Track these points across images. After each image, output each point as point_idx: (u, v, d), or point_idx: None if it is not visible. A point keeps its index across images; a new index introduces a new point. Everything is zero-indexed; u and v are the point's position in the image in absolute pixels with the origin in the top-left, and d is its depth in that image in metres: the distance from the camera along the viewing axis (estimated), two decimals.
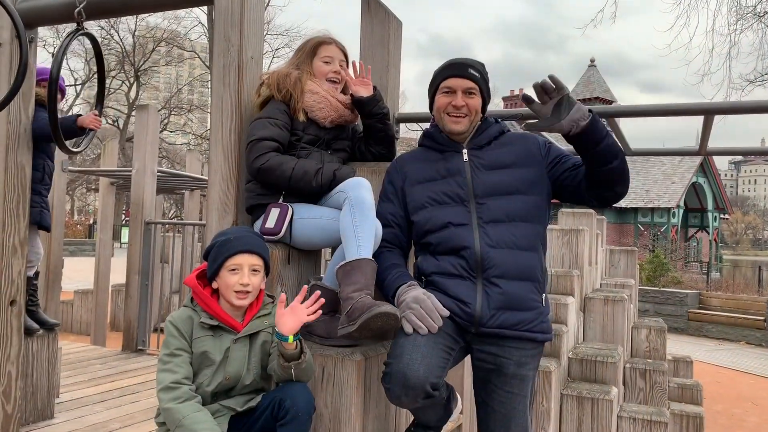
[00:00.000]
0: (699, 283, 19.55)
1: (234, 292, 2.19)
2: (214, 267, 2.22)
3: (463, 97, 2.35)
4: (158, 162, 7.30)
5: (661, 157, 29.85)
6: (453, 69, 2.38)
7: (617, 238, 29.19)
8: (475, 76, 2.36)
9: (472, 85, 2.35)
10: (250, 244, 2.24)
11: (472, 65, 2.37)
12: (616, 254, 8.78)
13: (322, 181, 2.52)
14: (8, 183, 3.34)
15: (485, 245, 2.22)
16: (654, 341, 6.87)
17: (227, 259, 2.20)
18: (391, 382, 2.06)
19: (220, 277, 2.22)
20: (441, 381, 2.11)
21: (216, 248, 2.24)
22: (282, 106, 2.65)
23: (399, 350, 2.10)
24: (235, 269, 2.20)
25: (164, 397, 2.08)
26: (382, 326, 2.12)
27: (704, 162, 30.34)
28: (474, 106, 2.37)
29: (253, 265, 2.22)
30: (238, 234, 2.28)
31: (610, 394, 5.10)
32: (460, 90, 2.35)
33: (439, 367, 2.11)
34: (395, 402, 2.12)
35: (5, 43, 3.34)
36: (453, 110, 2.36)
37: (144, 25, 33.58)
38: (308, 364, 2.16)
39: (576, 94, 32.79)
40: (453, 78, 2.36)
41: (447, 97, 2.37)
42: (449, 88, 2.36)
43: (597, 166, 2.16)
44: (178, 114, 36.63)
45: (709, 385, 9.24)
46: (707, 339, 14.63)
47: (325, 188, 2.54)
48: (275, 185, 2.55)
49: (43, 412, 3.77)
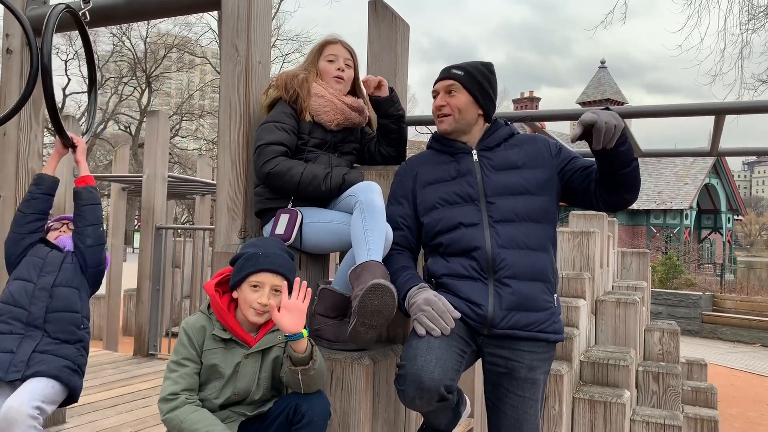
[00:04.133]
0: (713, 285, 19.37)
1: (251, 308, 2.15)
2: (237, 278, 2.18)
3: (444, 97, 2.39)
4: (170, 167, 7.34)
5: (673, 158, 29.67)
6: (440, 74, 2.45)
7: (629, 240, 29.01)
8: (456, 74, 2.38)
9: (451, 82, 2.38)
10: (276, 264, 2.17)
11: (457, 66, 2.41)
12: (628, 256, 8.72)
13: (332, 185, 2.52)
14: (19, 189, 3.37)
15: (496, 245, 2.22)
16: (667, 344, 6.81)
17: (251, 274, 2.15)
18: (405, 384, 2.05)
19: (241, 289, 2.18)
20: (455, 384, 2.10)
21: (243, 260, 2.19)
22: (288, 109, 2.65)
23: (413, 352, 2.08)
24: (257, 286, 2.15)
25: (162, 408, 2.08)
26: (380, 304, 2.09)
27: (717, 163, 30.10)
28: (455, 103, 2.37)
29: (275, 286, 2.16)
30: (267, 250, 2.21)
31: (623, 397, 5.05)
32: (441, 91, 2.41)
33: (454, 369, 2.09)
34: (409, 404, 2.10)
35: (16, 50, 3.38)
36: (437, 112, 2.42)
37: (155, 32, 33.79)
38: (318, 373, 2.09)
39: (587, 96, 32.67)
40: (437, 82, 2.44)
41: (435, 101, 2.44)
42: (435, 92, 2.44)
43: (614, 169, 2.13)
44: (189, 120, 36.81)
45: (724, 388, 9.15)
46: (721, 341, 14.49)
47: (334, 192, 2.54)
48: (284, 189, 2.55)
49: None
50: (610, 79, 33.32)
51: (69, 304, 2.78)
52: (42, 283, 2.75)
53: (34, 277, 2.76)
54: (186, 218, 34.68)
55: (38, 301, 2.72)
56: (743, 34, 11.56)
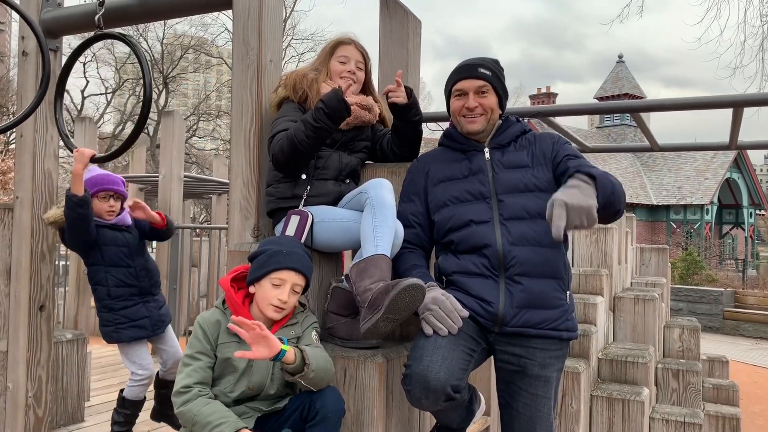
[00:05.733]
0: (734, 281, 19.12)
1: (271, 305, 2.15)
2: (258, 274, 2.18)
3: (476, 98, 2.34)
4: (188, 167, 7.38)
5: (693, 153, 29.30)
6: (463, 71, 2.38)
7: (649, 236, 28.71)
8: (486, 74, 2.34)
9: (482, 83, 2.34)
10: (299, 263, 2.19)
11: (481, 64, 2.36)
12: (646, 252, 8.62)
13: (316, 115, 2.42)
14: (36, 190, 3.40)
15: (507, 242, 2.20)
16: (687, 341, 6.73)
17: (274, 271, 2.15)
18: (411, 385, 2.04)
19: (260, 285, 2.18)
20: (462, 383, 2.08)
21: (266, 256, 2.19)
22: (296, 106, 2.64)
23: (419, 352, 2.07)
24: (278, 284, 2.16)
25: (176, 401, 2.09)
26: (410, 301, 2.06)
27: (738, 157, 29.69)
28: (488, 104, 2.35)
29: (295, 284, 2.18)
30: (291, 249, 2.22)
31: (642, 395, 4.99)
32: (471, 91, 2.35)
33: (461, 369, 2.08)
34: (416, 404, 2.09)
35: (31, 53, 3.41)
36: (467, 112, 2.36)
37: (172, 33, 34.04)
38: (318, 373, 2.08)
39: (605, 91, 32.40)
40: (463, 80, 2.37)
41: (460, 100, 2.37)
42: (461, 91, 2.37)
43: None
44: (206, 120, 37.06)
45: (746, 385, 9.02)
46: (743, 338, 14.30)
47: (324, 120, 2.42)
48: (297, 158, 2.49)
49: (74, 415, 3.83)
50: (628, 73, 33.00)
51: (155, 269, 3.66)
52: (137, 264, 3.51)
53: (129, 261, 3.47)
54: (204, 218, 34.89)
55: (143, 278, 3.51)
56: (764, 26, 11.37)
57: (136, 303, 3.47)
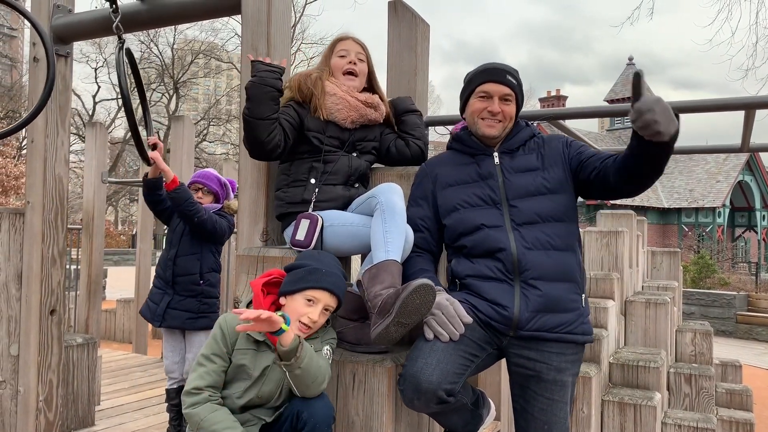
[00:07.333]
0: (747, 285, 18.91)
1: (300, 321, 2.12)
2: (293, 288, 2.15)
3: (500, 104, 2.33)
4: None
5: (705, 155, 29.12)
6: (490, 74, 2.34)
7: (660, 239, 28.52)
8: (512, 82, 2.33)
9: (509, 91, 2.33)
10: (336, 285, 2.17)
11: (509, 71, 2.34)
12: (658, 256, 8.56)
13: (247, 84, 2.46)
14: (47, 195, 3.42)
15: (521, 247, 2.19)
16: (699, 345, 6.66)
17: (310, 288, 2.13)
18: (404, 385, 2.05)
19: (293, 298, 2.15)
20: (457, 387, 2.06)
21: (304, 271, 2.17)
22: (292, 103, 2.66)
23: (415, 353, 2.09)
24: (312, 301, 2.13)
25: (185, 401, 2.09)
26: (421, 303, 2.04)
27: (751, 159, 29.47)
28: (509, 113, 2.35)
29: (328, 305, 2.16)
30: (330, 268, 2.19)
31: (654, 399, 4.95)
32: (497, 96, 2.32)
33: (455, 373, 2.06)
34: (409, 405, 2.09)
35: (42, 59, 3.43)
36: (488, 116, 2.34)
37: (182, 38, 34.26)
38: (304, 372, 2.03)
39: (615, 93, 32.25)
40: (490, 83, 2.33)
41: (483, 102, 2.34)
42: (486, 93, 2.34)
43: (648, 161, 2.03)
44: (216, 124, 37.23)
45: (760, 390, 8.93)
46: (757, 342, 14.16)
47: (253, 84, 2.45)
48: (254, 137, 2.47)
49: (84, 419, 3.84)
50: None
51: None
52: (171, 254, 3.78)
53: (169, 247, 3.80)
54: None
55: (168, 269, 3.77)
56: None
57: (158, 289, 3.76)
